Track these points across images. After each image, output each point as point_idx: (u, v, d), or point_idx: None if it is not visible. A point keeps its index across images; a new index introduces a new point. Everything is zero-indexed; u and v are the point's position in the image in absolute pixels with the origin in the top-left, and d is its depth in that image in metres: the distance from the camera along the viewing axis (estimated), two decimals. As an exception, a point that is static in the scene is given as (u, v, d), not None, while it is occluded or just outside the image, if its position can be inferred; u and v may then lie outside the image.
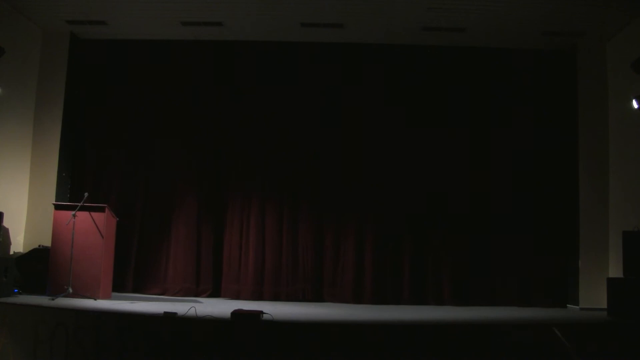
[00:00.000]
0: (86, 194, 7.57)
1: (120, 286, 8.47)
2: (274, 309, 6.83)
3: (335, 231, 8.83)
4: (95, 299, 7.25)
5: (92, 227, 7.54)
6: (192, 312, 6.15)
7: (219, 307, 7.00)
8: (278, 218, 8.88)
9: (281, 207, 8.88)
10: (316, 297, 8.65)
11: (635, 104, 7.38)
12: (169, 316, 6.01)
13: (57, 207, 7.72)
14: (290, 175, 8.94)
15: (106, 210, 7.64)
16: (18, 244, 8.35)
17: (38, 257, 7.90)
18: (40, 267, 7.71)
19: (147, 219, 8.93)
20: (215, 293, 8.70)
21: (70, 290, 7.16)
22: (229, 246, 8.85)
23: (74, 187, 8.89)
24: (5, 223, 7.76)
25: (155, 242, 8.88)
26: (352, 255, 8.73)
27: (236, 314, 6.04)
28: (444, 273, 8.68)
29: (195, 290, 8.66)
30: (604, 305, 7.44)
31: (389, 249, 8.76)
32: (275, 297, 8.58)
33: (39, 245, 8.14)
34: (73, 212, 7.36)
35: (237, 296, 8.58)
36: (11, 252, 8.10)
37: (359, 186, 8.89)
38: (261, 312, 6.12)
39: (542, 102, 8.93)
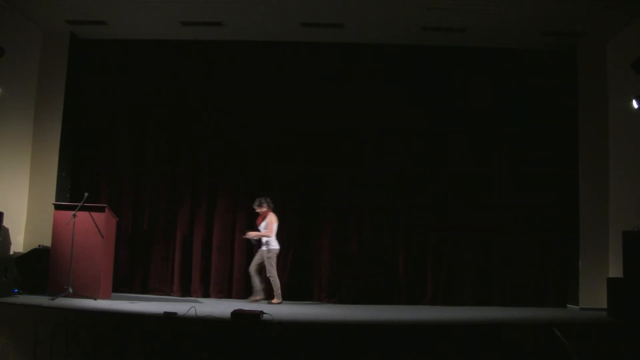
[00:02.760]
0: (86, 194, 7.57)
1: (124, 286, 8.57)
2: (274, 309, 6.82)
3: (335, 232, 8.83)
4: (95, 299, 7.25)
5: (92, 227, 7.55)
6: (192, 312, 6.15)
7: (219, 307, 6.99)
8: (280, 219, 8.88)
9: (281, 208, 8.88)
10: (315, 297, 8.66)
11: (635, 104, 7.38)
12: (169, 316, 6.01)
13: (57, 207, 7.72)
14: (290, 177, 8.93)
15: (106, 210, 7.65)
16: (18, 244, 8.35)
17: (38, 257, 7.90)
18: (40, 267, 7.72)
19: (149, 220, 8.92)
20: (213, 294, 8.70)
21: (70, 290, 7.16)
22: (229, 247, 8.84)
23: (74, 187, 8.88)
24: (5, 223, 7.76)
25: (155, 244, 8.88)
26: (350, 256, 8.76)
27: (236, 314, 6.03)
28: (443, 273, 8.68)
29: (201, 291, 8.68)
30: (604, 305, 7.45)
31: (387, 251, 8.79)
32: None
33: (39, 245, 8.13)
34: (73, 212, 7.36)
35: (231, 295, 8.65)
36: (11, 252, 8.10)
37: (360, 187, 8.88)
38: (261, 312, 6.12)
39: (542, 102, 8.92)
